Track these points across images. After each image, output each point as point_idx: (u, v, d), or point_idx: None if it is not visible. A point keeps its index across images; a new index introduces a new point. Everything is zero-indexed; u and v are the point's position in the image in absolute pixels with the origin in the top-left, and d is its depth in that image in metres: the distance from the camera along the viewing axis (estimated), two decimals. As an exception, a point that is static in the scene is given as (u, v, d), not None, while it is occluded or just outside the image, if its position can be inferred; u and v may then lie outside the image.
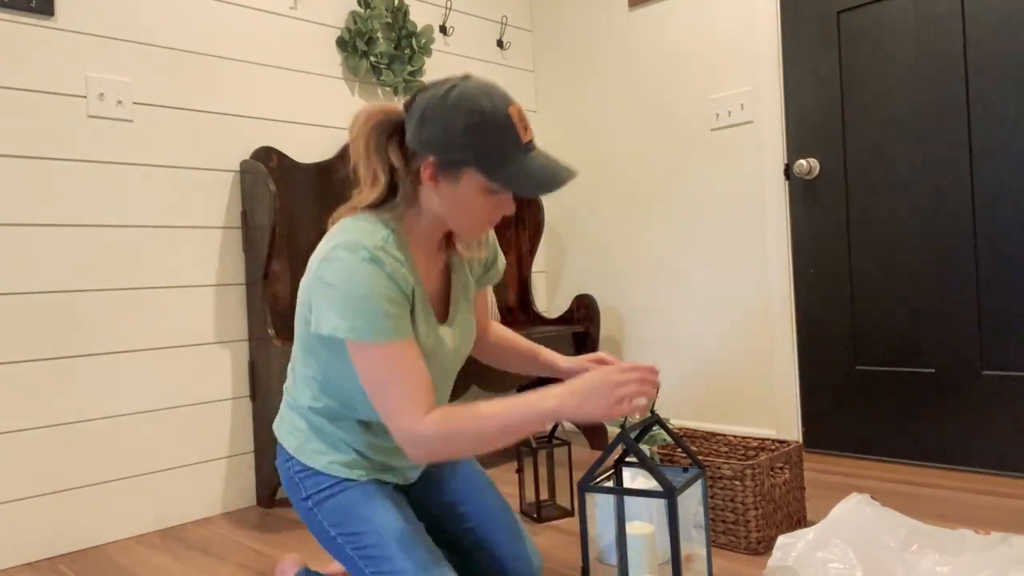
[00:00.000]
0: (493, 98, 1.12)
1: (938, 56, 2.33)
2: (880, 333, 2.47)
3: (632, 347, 3.08)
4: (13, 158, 1.97)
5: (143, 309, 2.18)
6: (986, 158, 2.26)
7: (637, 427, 1.26)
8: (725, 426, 2.81)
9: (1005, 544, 1.44)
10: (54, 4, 2.03)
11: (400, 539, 1.18)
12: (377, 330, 1.09)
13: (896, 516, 1.57)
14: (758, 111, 2.68)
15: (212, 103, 2.35)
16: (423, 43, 2.86)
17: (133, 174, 2.18)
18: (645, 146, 3.02)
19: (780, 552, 1.47)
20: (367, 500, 1.23)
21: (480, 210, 1.17)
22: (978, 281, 2.28)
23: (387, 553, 1.17)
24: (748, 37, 2.70)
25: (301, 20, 2.58)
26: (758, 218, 2.70)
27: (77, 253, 2.07)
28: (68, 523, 2.02)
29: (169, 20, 2.26)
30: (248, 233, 2.37)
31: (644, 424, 1.31)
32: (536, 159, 1.13)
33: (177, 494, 2.23)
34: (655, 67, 2.97)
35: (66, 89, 2.06)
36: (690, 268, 2.89)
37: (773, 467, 1.83)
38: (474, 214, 1.17)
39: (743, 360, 2.75)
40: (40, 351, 1.99)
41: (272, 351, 2.25)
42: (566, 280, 3.33)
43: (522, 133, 1.13)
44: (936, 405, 2.37)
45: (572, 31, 3.26)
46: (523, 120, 1.14)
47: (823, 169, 2.57)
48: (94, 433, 2.08)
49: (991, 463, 2.28)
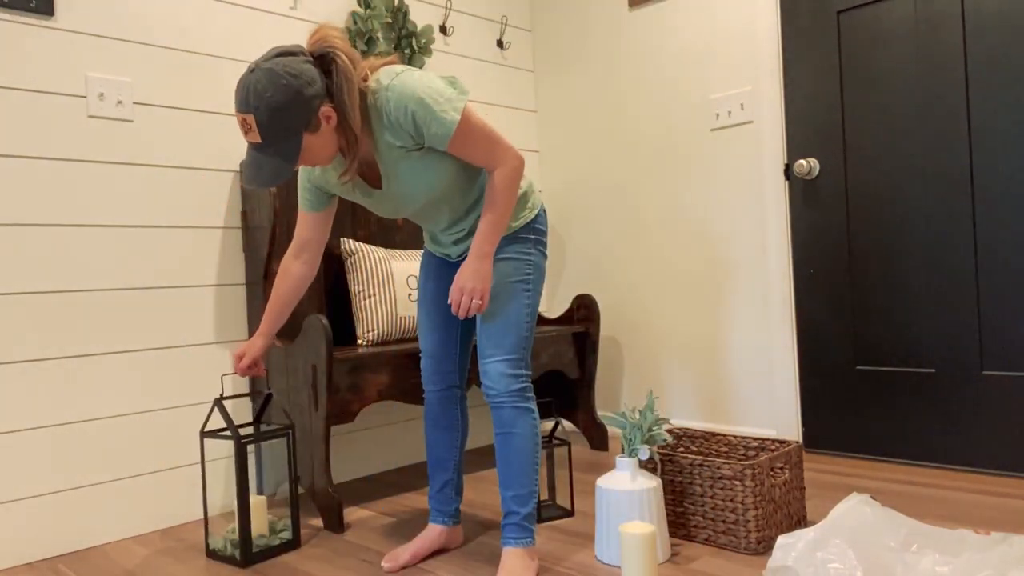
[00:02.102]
0: (235, 96, 1.43)
1: (938, 56, 2.33)
2: (880, 333, 2.47)
3: (632, 347, 3.08)
4: (13, 158, 1.97)
5: (143, 309, 2.18)
6: (986, 158, 2.26)
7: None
8: (725, 426, 2.81)
9: (1005, 544, 1.44)
10: (54, 4, 2.03)
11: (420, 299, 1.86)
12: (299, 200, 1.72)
13: (896, 516, 1.57)
14: (758, 111, 2.68)
15: (212, 103, 2.35)
16: (423, 43, 2.86)
17: (133, 174, 2.18)
18: (645, 146, 3.02)
19: (780, 552, 1.47)
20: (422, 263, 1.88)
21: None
22: (978, 281, 2.28)
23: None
24: (748, 37, 2.70)
25: (301, 20, 2.58)
26: (758, 218, 2.70)
27: (77, 253, 2.07)
28: (68, 523, 2.02)
29: (169, 20, 2.26)
30: (248, 233, 2.37)
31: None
32: (248, 155, 1.45)
33: (177, 494, 2.23)
34: (655, 67, 2.97)
35: (66, 89, 2.06)
36: (690, 268, 2.89)
37: (773, 467, 1.83)
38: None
39: (743, 360, 2.75)
40: (40, 351, 1.99)
41: (272, 351, 2.25)
42: (566, 280, 3.33)
43: (243, 133, 1.43)
44: (936, 405, 2.37)
45: (572, 31, 3.26)
46: (243, 125, 1.41)
47: (823, 169, 2.57)
48: (94, 433, 2.08)
49: (991, 463, 2.28)
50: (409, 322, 2.46)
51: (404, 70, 1.49)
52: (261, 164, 1.43)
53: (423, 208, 1.66)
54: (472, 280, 1.57)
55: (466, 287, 1.57)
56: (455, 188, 1.63)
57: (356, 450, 2.66)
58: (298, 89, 1.39)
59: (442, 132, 1.49)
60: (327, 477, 2.06)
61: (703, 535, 1.81)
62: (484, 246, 1.58)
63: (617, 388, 3.15)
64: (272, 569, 1.81)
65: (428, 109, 1.47)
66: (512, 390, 1.63)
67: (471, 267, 1.58)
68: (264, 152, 1.42)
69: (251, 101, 1.38)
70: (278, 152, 1.42)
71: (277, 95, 1.37)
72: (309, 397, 2.09)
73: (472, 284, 1.57)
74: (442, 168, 1.58)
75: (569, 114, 3.29)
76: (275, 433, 1.93)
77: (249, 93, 1.38)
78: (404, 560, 1.77)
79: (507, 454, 1.65)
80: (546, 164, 3.39)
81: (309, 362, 2.08)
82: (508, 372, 1.63)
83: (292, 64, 1.40)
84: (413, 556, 1.78)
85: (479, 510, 2.18)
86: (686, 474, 1.82)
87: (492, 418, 1.68)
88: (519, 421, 1.64)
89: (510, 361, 1.63)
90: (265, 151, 1.42)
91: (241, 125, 1.41)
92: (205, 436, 1.91)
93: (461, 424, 1.86)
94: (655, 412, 1.77)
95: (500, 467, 1.67)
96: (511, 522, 1.65)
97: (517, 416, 1.64)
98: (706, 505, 1.79)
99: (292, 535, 1.94)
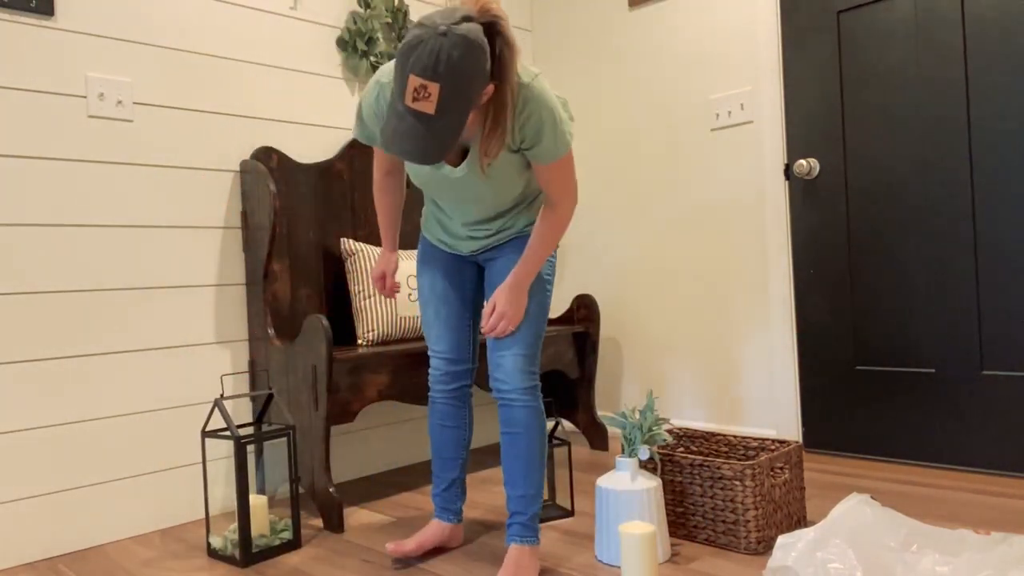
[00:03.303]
0: (411, 58, 1.26)
1: (938, 56, 2.33)
2: (880, 333, 2.48)
3: (632, 347, 3.08)
4: (13, 158, 1.97)
5: (143, 309, 2.18)
6: (986, 158, 2.26)
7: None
8: (725, 426, 2.81)
9: (1005, 544, 1.44)
10: (54, 4, 2.03)
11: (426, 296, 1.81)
12: (362, 134, 1.63)
13: (896, 516, 1.57)
14: (758, 111, 2.68)
15: (212, 103, 2.35)
16: (423, 43, 2.85)
17: (133, 174, 2.18)
18: (645, 146, 3.02)
19: (780, 552, 1.47)
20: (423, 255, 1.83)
21: None
22: (978, 281, 2.28)
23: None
24: (748, 37, 2.70)
25: (301, 20, 2.58)
26: (758, 218, 2.70)
27: (77, 253, 2.07)
28: (68, 523, 2.02)
29: (169, 20, 2.26)
30: (248, 233, 2.37)
31: None
32: (395, 119, 1.30)
33: (177, 494, 2.23)
34: (655, 67, 2.97)
35: (66, 89, 2.06)
36: (690, 268, 2.89)
37: (773, 467, 1.83)
38: None
39: (743, 360, 2.75)
40: (40, 351, 1.99)
41: (272, 351, 2.25)
42: (566, 280, 3.33)
43: (408, 96, 1.27)
44: (936, 405, 2.37)
45: (572, 31, 3.26)
46: (418, 92, 1.25)
47: (823, 169, 2.57)
48: (94, 433, 2.08)
49: (991, 463, 2.28)
50: (409, 322, 2.46)
51: (539, 72, 1.48)
52: (425, 137, 1.29)
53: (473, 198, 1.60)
54: (512, 307, 1.59)
55: (507, 313, 1.58)
56: (514, 195, 1.63)
57: (356, 450, 2.66)
58: (485, 62, 1.29)
59: (553, 149, 1.49)
60: (327, 477, 2.06)
61: (703, 535, 1.81)
62: (528, 276, 1.60)
63: (617, 388, 3.15)
64: (272, 569, 1.81)
65: (554, 123, 1.47)
66: (525, 387, 1.63)
67: (513, 293, 1.59)
68: (431, 125, 1.28)
69: (441, 69, 1.24)
70: (448, 126, 1.29)
71: (470, 68, 1.26)
72: (309, 397, 2.09)
73: (512, 311, 1.58)
74: (520, 177, 1.58)
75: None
76: (275, 433, 1.93)
77: (440, 60, 1.24)
78: (409, 548, 1.77)
79: (516, 454, 1.65)
80: (546, 164, 3.39)
81: (309, 362, 2.08)
82: (524, 368, 1.63)
83: (479, 34, 1.28)
84: (419, 546, 1.79)
85: (480, 510, 2.18)
86: (686, 474, 1.82)
87: (500, 416, 1.66)
88: (530, 421, 1.64)
89: (526, 357, 1.64)
90: (433, 124, 1.28)
91: (414, 92, 1.26)
92: (206, 436, 1.91)
93: (468, 423, 1.86)
94: (655, 412, 1.77)
95: (507, 466, 1.67)
96: (517, 521, 1.66)
97: (528, 416, 1.64)
98: (706, 505, 1.79)
99: (292, 535, 1.94)
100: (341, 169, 2.57)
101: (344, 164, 2.59)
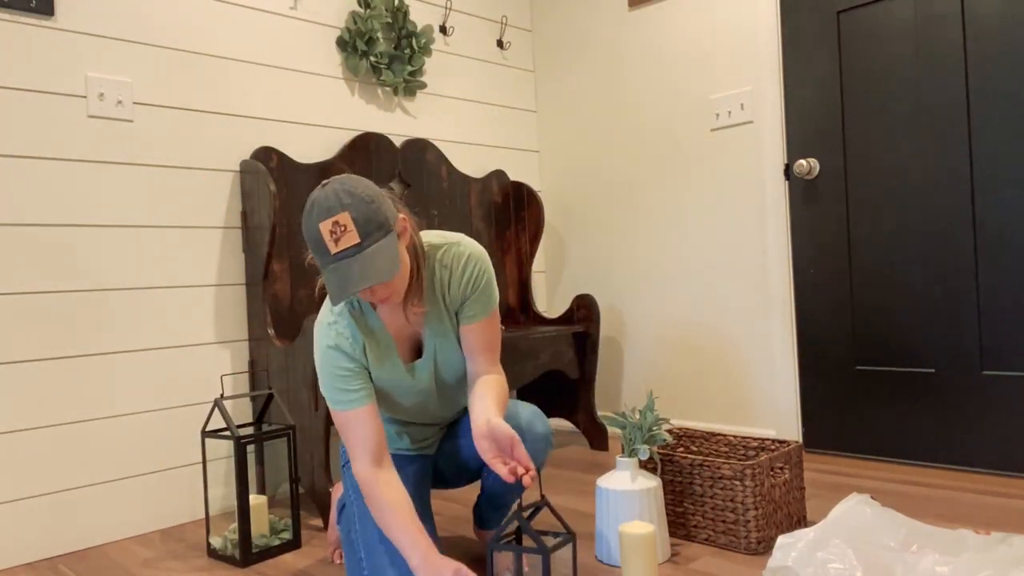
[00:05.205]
0: (312, 215, 1.31)
1: (938, 56, 2.33)
2: (880, 333, 2.47)
3: (632, 347, 3.08)
4: (13, 158, 1.97)
5: (143, 309, 2.18)
6: (986, 158, 2.26)
7: (528, 508, 1.39)
8: (725, 426, 2.81)
9: (1005, 544, 1.44)
10: (54, 4, 2.03)
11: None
12: (334, 401, 1.44)
13: (896, 516, 1.57)
14: (758, 111, 2.68)
15: (212, 103, 2.35)
16: (423, 43, 2.86)
17: (133, 174, 2.18)
18: (645, 146, 3.02)
19: (780, 552, 1.47)
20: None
21: None
22: (978, 281, 2.28)
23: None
24: (748, 37, 2.70)
25: (301, 20, 2.58)
26: (758, 218, 2.70)
27: (77, 253, 2.07)
28: (68, 523, 2.02)
29: (169, 20, 2.26)
30: (248, 233, 2.37)
31: (535, 505, 1.43)
32: (336, 272, 1.30)
33: (177, 494, 2.23)
34: (655, 67, 2.97)
35: (66, 89, 2.06)
36: (690, 268, 2.89)
37: (773, 467, 1.83)
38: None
39: (743, 360, 2.75)
40: (40, 351, 1.99)
41: (272, 351, 2.25)
42: (566, 280, 3.33)
43: (331, 246, 1.30)
44: (936, 405, 2.37)
45: (572, 31, 3.26)
46: (334, 232, 1.29)
47: (823, 169, 2.57)
48: (94, 433, 2.08)
49: (991, 463, 2.28)
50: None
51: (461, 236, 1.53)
52: (371, 259, 1.30)
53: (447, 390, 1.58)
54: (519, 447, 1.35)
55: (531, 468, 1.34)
56: (463, 377, 1.57)
57: (356, 450, 2.66)
58: (378, 187, 1.37)
59: (492, 299, 1.52)
60: (327, 477, 2.06)
61: (703, 535, 1.81)
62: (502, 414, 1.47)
63: (617, 388, 3.15)
64: (272, 569, 1.80)
65: (491, 278, 1.51)
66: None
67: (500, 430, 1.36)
68: (366, 248, 1.31)
69: (343, 199, 1.29)
70: (383, 245, 1.32)
71: (366, 190, 1.32)
72: (309, 397, 2.09)
73: (522, 454, 1.35)
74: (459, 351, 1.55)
75: (569, 114, 3.29)
76: (275, 433, 1.93)
77: (338, 195, 1.30)
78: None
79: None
80: (546, 164, 3.39)
81: (309, 362, 2.08)
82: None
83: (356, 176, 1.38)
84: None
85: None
86: (686, 474, 1.82)
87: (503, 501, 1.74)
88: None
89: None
90: (366, 247, 1.31)
91: (331, 234, 1.29)
92: (206, 436, 1.91)
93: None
94: (655, 412, 1.77)
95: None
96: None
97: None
98: (706, 505, 1.79)
99: (292, 535, 1.94)
100: (341, 169, 2.57)
101: (344, 164, 2.59)
